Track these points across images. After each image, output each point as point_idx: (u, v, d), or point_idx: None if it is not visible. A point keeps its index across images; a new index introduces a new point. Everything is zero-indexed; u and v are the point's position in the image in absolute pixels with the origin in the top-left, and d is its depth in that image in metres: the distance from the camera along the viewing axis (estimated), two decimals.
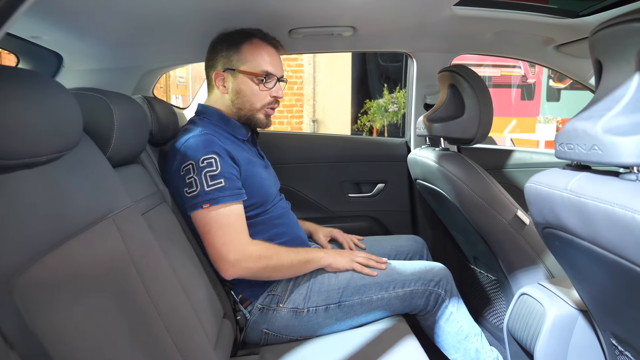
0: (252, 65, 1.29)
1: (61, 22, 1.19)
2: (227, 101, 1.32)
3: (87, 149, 0.84)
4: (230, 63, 1.29)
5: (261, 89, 1.30)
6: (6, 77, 0.58)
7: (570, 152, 0.73)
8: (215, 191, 1.13)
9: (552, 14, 1.48)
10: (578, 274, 0.88)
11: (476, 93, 1.38)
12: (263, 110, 1.33)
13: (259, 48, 1.30)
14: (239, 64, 1.29)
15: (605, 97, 0.69)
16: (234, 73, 1.30)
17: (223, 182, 1.14)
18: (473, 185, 1.33)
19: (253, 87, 1.30)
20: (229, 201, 1.14)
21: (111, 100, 0.91)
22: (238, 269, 1.15)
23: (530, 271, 1.30)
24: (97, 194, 0.79)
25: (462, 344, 1.31)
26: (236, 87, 1.30)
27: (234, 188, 1.16)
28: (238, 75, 1.29)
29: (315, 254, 1.26)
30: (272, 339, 1.25)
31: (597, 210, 0.65)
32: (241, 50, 1.29)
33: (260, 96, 1.31)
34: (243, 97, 1.30)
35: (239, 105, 1.31)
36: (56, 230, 0.65)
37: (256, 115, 1.33)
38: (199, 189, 1.14)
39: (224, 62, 1.30)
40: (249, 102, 1.31)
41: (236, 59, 1.29)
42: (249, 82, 1.30)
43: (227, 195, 1.14)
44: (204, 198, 1.13)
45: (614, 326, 0.87)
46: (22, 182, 0.61)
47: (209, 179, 1.14)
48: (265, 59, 1.30)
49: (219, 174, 1.14)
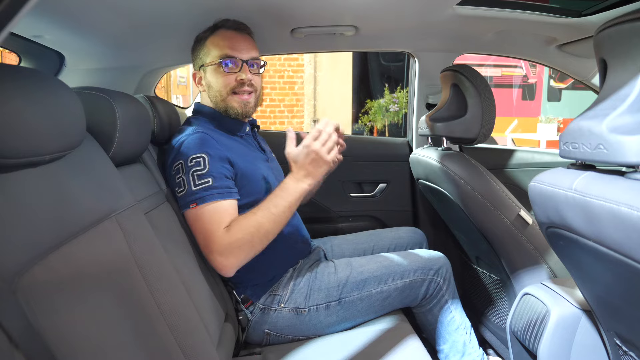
0: (214, 54, 1.28)
1: (63, 21, 1.19)
2: (207, 98, 1.34)
3: (90, 148, 0.83)
4: (200, 60, 1.31)
5: (225, 74, 1.27)
6: (9, 76, 0.58)
7: (575, 151, 0.73)
8: (202, 190, 1.13)
9: (554, 13, 1.48)
10: (582, 273, 0.88)
11: (479, 92, 1.37)
12: (233, 97, 1.29)
13: (221, 36, 1.29)
14: (205, 58, 1.30)
15: (611, 96, 0.69)
16: (204, 68, 1.31)
17: (210, 181, 1.13)
18: (476, 185, 1.33)
19: (217, 75, 1.28)
20: (216, 199, 1.13)
21: (114, 99, 0.91)
22: (229, 265, 1.12)
23: (533, 271, 1.30)
24: (100, 193, 0.79)
25: (452, 335, 1.32)
26: (207, 81, 1.31)
27: (223, 187, 1.15)
28: (206, 69, 1.30)
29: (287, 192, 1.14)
30: (274, 339, 1.24)
31: (602, 210, 0.65)
32: (206, 44, 1.30)
33: (225, 81, 1.28)
34: (213, 89, 1.30)
35: (214, 99, 1.31)
36: (59, 229, 0.64)
37: (229, 103, 1.29)
38: (187, 188, 1.14)
39: (197, 61, 1.33)
40: (218, 92, 1.29)
41: (203, 54, 1.30)
42: (213, 72, 1.29)
43: (214, 194, 1.13)
44: (191, 198, 1.13)
45: (618, 326, 0.87)
46: (25, 182, 0.61)
47: (196, 179, 1.13)
48: (224, 44, 1.27)
49: (207, 173, 1.14)
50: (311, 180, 1.16)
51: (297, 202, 1.16)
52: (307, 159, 1.14)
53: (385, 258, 1.34)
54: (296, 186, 1.15)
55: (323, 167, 1.15)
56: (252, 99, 1.32)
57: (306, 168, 1.14)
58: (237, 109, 1.30)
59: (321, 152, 1.13)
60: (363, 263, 1.32)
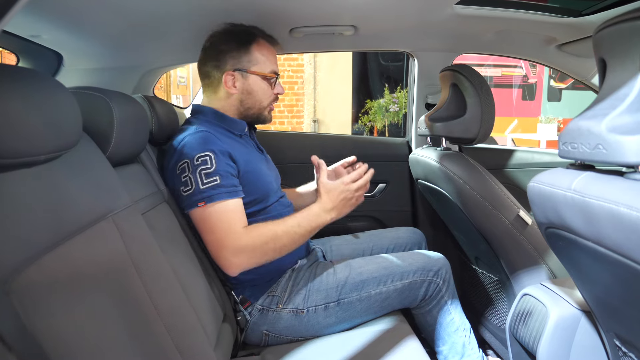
0: (262, 66, 1.31)
1: (61, 21, 1.18)
2: (234, 100, 1.32)
3: (86, 148, 0.83)
4: (241, 64, 1.29)
5: (270, 87, 1.34)
6: (5, 76, 0.57)
7: (574, 152, 0.72)
8: (210, 189, 1.12)
9: (554, 12, 1.47)
10: (581, 274, 0.87)
11: (478, 92, 1.37)
12: (268, 107, 1.37)
13: (266, 49, 1.33)
14: (249, 64, 1.30)
15: (610, 95, 0.69)
16: (245, 74, 1.30)
17: (218, 180, 1.13)
18: (475, 185, 1.33)
19: (264, 87, 1.33)
20: (224, 198, 1.13)
21: (111, 99, 0.90)
22: (238, 264, 1.13)
23: (533, 271, 1.29)
24: (96, 193, 0.78)
25: (451, 337, 1.31)
26: (247, 87, 1.31)
27: (230, 185, 1.15)
28: (249, 76, 1.30)
29: (312, 217, 1.20)
30: (272, 340, 1.24)
31: (601, 210, 0.64)
32: (250, 51, 1.29)
33: (268, 94, 1.34)
34: (254, 97, 1.32)
35: (248, 105, 1.32)
36: (55, 230, 0.64)
37: (263, 112, 1.36)
38: (194, 187, 1.13)
39: (234, 63, 1.29)
40: (259, 102, 1.33)
41: (246, 60, 1.29)
42: (260, 83, 1.31)
43: (222, 192, 1.13)
44: (199, 196, 1.12)
45: (618, 327, 0.86)
46: (20, 182, 0.60)
47: (204, 177, 1.13)
48: (272, 60, 1.34)
49: (214, 171, 1.13)
50: (335, 215, 1.22)
51: (316, 230, 1.21)
52: (340, 196, 1.21)
53: (384, 259, 1.33)
54: (321, 215, 1.20)
55: (348, 209, 1.24)
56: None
57: (336, 204, 1.21)
58: (268, 118, 1.39)
59: (354, 196, 1.22)
60: (362, 264, 1.31)
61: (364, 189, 1.25)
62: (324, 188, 1.22)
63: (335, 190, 1.21)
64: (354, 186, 1.22)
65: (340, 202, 1.21)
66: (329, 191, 1.21)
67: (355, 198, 1.23)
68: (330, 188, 1.22)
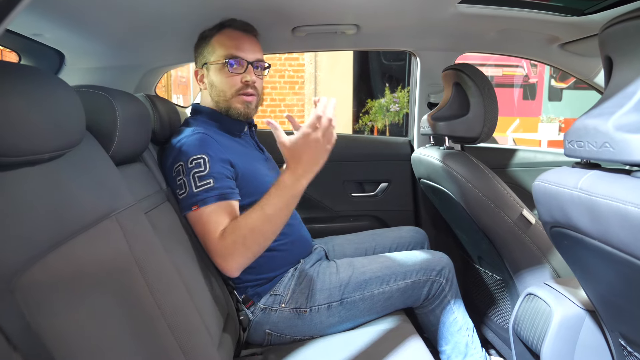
0: (219, 53, 1.27)
1: (63, 20, 1.18)
2: (208, 96, 1.33)
3: (89, 147, 0.83)
4: (204, 58, 1.30)
5: (229, 75, 1.27)
6: (8, 73, 0.57)
7: (581, 150, 0.72)
8: (203, 192, 1.11)
9: (557, 11, 1.46)
10: (586, 273, 0.87)
11: (481, 91, 1.37)
12: (238, 98, 1.28)
13: (227, 35, 1.29)
14: (209, 56, 1.29)
15: (617, 94, 0.68)
16: (207, 66, 1.30)
17: (212, 182, 1.12)
18: (478, 184, 1.32)
19: (222, 75, 1.28)
20: (218, 200, 1.11)
21: (114, 97, 0.90)
22: (230, 266, 1.09)
23: (536, 271, 1.29)
24: (99, 192, 0.78)
25: (454, 336, 1.31)
26: (210, 79, 1.30)
27: (224, 187, 1.13)
28: (210, 68, 1.29)
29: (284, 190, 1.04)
30: (275, 339, 1.24)
31: (608, 209, 0.64)
32: (211, 42, 1.29)
33: (230, 82, 1.27)
34: (217, 88, 1.29)
35: (216, 98, 1.30)
36: (58, 229, 0.64)
37: (232, 104, 1.28)
38: (188, 190, 1.12)
39: (200, 59, 1.32)
40: (222, 92, 1.28)
41: (207, 52, 1.30)
42: (218, 71, 1.28)
43: (215, 195, 1.11)
44: (192, 200, 1.11)
45: (623, 327, 0.86)
46: (24, 180, 0.60)
47: (197, 180, 1.12)
48: (230, 44, 1.27)
49: (208, 174, 1.12)
50: (311, 174, 1.04)
51: (296, 200, 1.06)
52: (306, 150, 1.01)
53: (387, 258, 1.33)
54: (294, 183, 1.03)
55: (322, 159, 1.03)
56: (254, 101, 1.31)
57: (304, 161, 1.02)
58: (240, 110, 1.29)
59: (321, 142, 1.00)
60: (365, 263, 1.31)
61: (332, 130, 1.02)
62: (285, 149, 1.02)
63: (296, 146, 1.01)
64: (318, 133, 0.99)
65: (310, 156, 1.01)
66: (291, 150, 1.02)
67: (325, 142, 1.01)
68: (292, 145, 1.01)
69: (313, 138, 1.00)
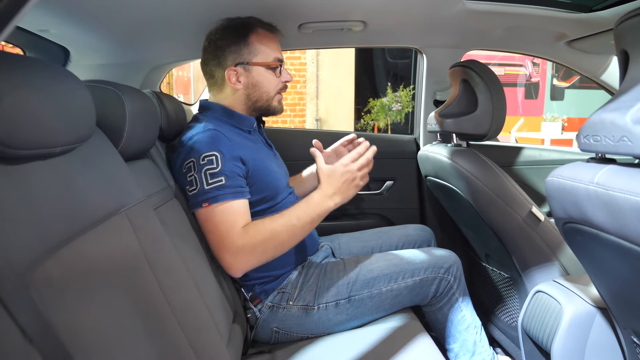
0: (264, 55, 1.28)
1: (70, 16, 1.18)
2: (241, 96, 1.30)
3: (99, 142, 0.82)
4: (242, 57, 1.26)
5: (277, 76, 1.31)
6: (20, 66, 0.56)
7: (597, 144, 0.71)
8: (215, 189, 1.10)
9: (564, 8, 1.46)
10: (600, 270, 0.86)
11: (489, 88, 1.36)
12: (276, 97, 1.33)
13: (266, 37, 1.29)
14: (251, 56, 1.27)
15: (634, 87, 0.67)
16: (246, 66, 1.27)
17: (223, 180, 1.11)
18: (487, 182, 1.31)
19: (269, 77, 1.30)
20: (229, 199, 1.11)
21: (123, 92, 0.89)
22: (238, 267, 1.11)
23: (545, 268, 1.28)
24: (109, 187, 0.77)
25: (462, 334, 1.30)
26: (252, 80, 1.28)
27: (236, 186, 1.13)
28: (252, 68, 1.27)
29: (313, 207, 1.13)
30: (282, 337, 1.23)
31: (626, 203, 0.63)
32: (250, 43, 1.26)
33: (275, 83, 1.31)
34: (261, 89, 1.29)
35: (256, 98, 1.30)
36: (70, 224, 0.63)
37: (272, 103, 1.33)
38: (199, 187, 1.11)
39: (234, 58, 1.26)
40: (266, 93, 1.30)
41: (247, 52, 1.26)
42: (265, 73, 1.29)
43: (227, 193, 1.11)
44: (204, 197, 1.11)
45: (636, 323, 0.85)
46: (36, 174, 0.59)
47: (209, 177, 1.11)
48: (274, 47, 1.30)
49: (220, 171, 1.11)
50: (339, 200, 1.14)
51: (320, 218, 1.14)
52: (341, 178, 1.13)
53: (395, 256, 1.32)
54: (323, 203, 1.13)
55: (354, 190, 1.15)
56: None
57: (338, 187, 1.13)
58: (278, 108, 1.34)
59: (356, 176, 1.14)
60: (373, 261, 1.30)
61: (368, 167, 1.17)
62: (323, 174, 1.15)
63: (335, 173, 1.14)
64: (354, 166, 1.14)
65: (342, 185, 1.13)
66: (328, 176, 1.14)
67: (358, 178, 1.15)
68: (330, 172, 1.14)
69: (350, 170, 1.14)
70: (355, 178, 1.14)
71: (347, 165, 1.14)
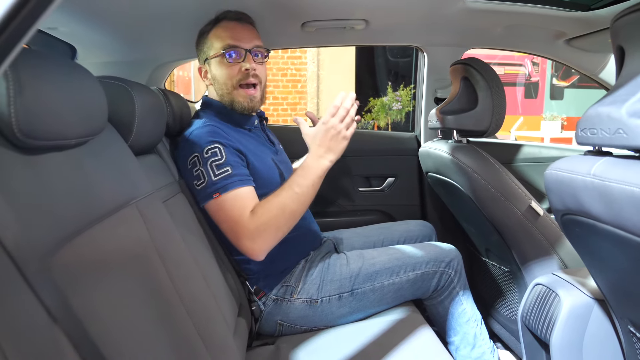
0: (217, 46, 1.27)
1: (78, 14, 1.20)
2: (214, 91, 1.34)
3: (110, 136, 0.84)
4: (204, 53, 1.31)
5: (229, 65, 1.27)
6: (40, 60, 0.58)
7: (594, 137, 0.73)
8: (223, 179, 1.13)
9: (563, 7, 1.48)
10: (597, 261, 0.88)
11: (489, 85, 1.38)
12: (239, 91, 1.29)
13: (223, 27, 1.28)
14: (209, 51, 1.29)
15: (629, 82, 0.70)
16: (208, 61, 1.30)
17: (230, 170, 1.13)
18: (487, 177, 1.33)
19: (222, 67, 1.28)
20: (238, 186, 1.13)
21: (132, 88, 0.92)
22: (258, 249, 1.11)
23: (544, 262, 1.30)
24: (120, 180, 0.79)
25: (463, 327, 1.33)
26: (212, 74, 1.31)
27: (242, 174, 1.16)
28: (211, 62, 1.30)
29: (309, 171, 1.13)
30: (286, 330, 1.25)
31: (622, 193, 0.65)
32: (209, 37, 1.29)
33: (230, 73, 1.27)
34: (219, 81, 1.30)
35: (219, 92, 1.31)
36: (83, 213, 0.65)
37: (235, 98, 1.29)
38: (207, 180, 1.13)
39: (202, 55, 1.33)
40: (224, 84, 1.29)
41: (207, 47, 1.30)
42: (218, 64, 1.29)
43: (236, 181, 1.13)
44: (213, 188, 1.13)
45: (633, 313, 0.87)
46: (52, 164, 0.62)
47: (215, 169, 1.13)
48: (226, 34, 1.26)
49: (225, 162, 1.14)
50: (332, 156, 1.13)
51: (320, 180, 1.14)
52: (327, 135, 1.12)
53: (396, 250, 1.34)
54: (318, 163, 1.13)
55: (343, 143, 1.14)
56: (257, 93, 1.31)
57: (327, 145, 1.13)
58: (243, 104, 1.29)
59: (340, 129, 1.12)
60: (375, 255, 1.32)
61: (350, 116, 1.14)
62: (308, 137, 1.16)
63: (319, 133, 1.13)
64: (335, 119, 1.12)
65: (330, 141, 1.12)
66: (314, 137, 1.15)
67: (344, 129, 1.13)
68: (314, 134, 1.15)
69: (331, 125, 1.12)
70: (340, 131, 1.13)
71: (327, 121, 1.13)
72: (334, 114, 1.12)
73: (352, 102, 1.14)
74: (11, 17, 0.38)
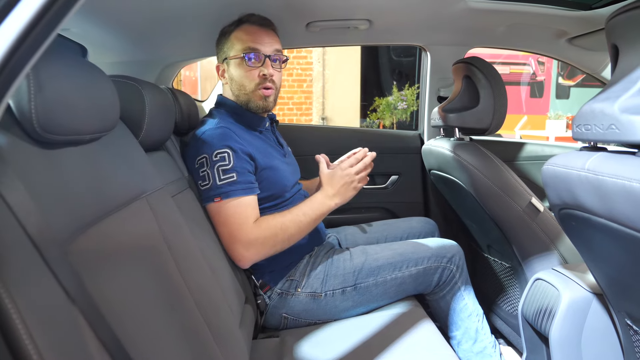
0: (238, 48, 1.31)
1: (91, 15, 1.23)
2: (229, 90, 1.37)
3: (121, 133, 0.87)
4: (224, 53, 1.34)
5: (248, 68, 1.30)
6: (57, 60, 0.61)
7: (588, 133, 0.76)
8: (227, 185, 1.17)
9: (565, 6, 1.50)
10: (594, 254, 0.90)
11: (490, 84, 1.40)
12: (257, 92, 1.32)
13: (245, 30, 1.31)
14: (229, 51, 1.33)
15: (622, 79, 0.72)
16: (227, 61, 1.34)
17: (235, 177, 1.17)
18: (488, 173, 1.36)
19: (241, 69, 1.31)
20: (240, 195, 1.17)
21: (143, 87, 0.95)
22: (249, 257, 1.19)
23: (545, 257, 1.32)
24: (131, 174, 0.83)
25: (464, 322, 1.35)
26: (230, 74, 1.34)
27: (246, 182, 1.19)
28: (230, 63, 1.33)
29: (316, 205, 1.25)
30: (291, 323, 1.28)
31: (614, 186, 0.68)
32: (230, 38, 1.33)
33: (249, 76, 1.31)
34: (237, 82, 1.33)
35: (236, 92, 1.34)
36: (97, 206, 0.68)
37: (252, 98, 1.33)
38: (211, 182, 1.17)
39: (221, 54, 1.36)
40: (242, 86, 1.32)
41: (227, 48, 1.33)
42: (237, 66, 1.32)
43: (238, 189, 1.17)
44: (216, 192, 1.17)
45: (630, 306, 0.89)
46: (68, 158, 0.65)
47: (221, 173, 1.17)
48: (248, 38, 1.30)
49: (231, 168, 1.17)
50: (339, 201, 1.25)
51: (323, 216, 1.26)
52: (340, 181, 1.25)
53: (399, 246, 1.37)
54: (324, 202, 1.24)
55: (352, 192, 1.27)
56: (272, 95, 1.35)
57: (338, 189, 1.25)
58: (258, 103, 1.33)
59: (354, 179, 1.25)
60: (378, 250, 1.35)
61: (365, 171, 1.28)
62: (324, 177, 1.28)
63: (334, 176, 1.26)
64: (352, 170, 1.25)
65: (341, 187, 1.25)
66: (329, 179, 1.26)
67: (356, 181, 1.26)
68: (330, 176, 1.27)
69: (347, 173, 1.25)
70: (353, 181, 1.25)
71: (345, 169, 1.25)
72: (354, 165, 1.25)
73: (370, 159, 1.28)
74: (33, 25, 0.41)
